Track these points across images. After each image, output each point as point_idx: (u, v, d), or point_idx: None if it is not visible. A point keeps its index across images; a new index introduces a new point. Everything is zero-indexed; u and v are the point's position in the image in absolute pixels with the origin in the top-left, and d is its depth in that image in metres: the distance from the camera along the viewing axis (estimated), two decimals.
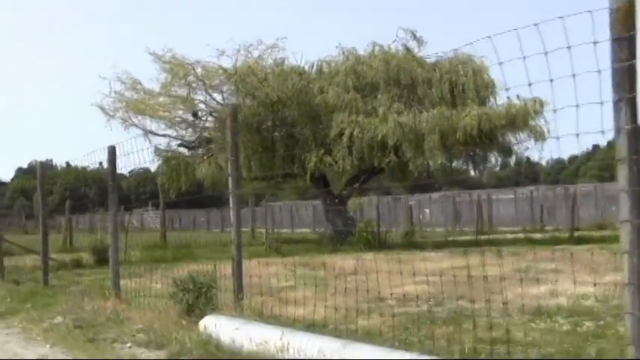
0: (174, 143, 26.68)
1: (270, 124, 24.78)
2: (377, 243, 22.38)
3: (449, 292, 9.26)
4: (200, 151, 26.49)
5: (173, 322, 8.85)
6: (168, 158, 26.76)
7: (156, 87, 25.95)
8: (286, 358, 6.46)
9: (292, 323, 8.24)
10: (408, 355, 5.57)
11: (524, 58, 4.80)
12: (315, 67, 26.07)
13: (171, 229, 33.67)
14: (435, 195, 33.68)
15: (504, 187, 47.80)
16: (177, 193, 27.08)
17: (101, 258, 19.94)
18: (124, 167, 12.91)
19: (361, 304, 9.14)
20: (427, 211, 32.79)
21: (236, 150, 9.36)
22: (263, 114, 24.24)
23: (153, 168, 28.82)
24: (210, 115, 25.68)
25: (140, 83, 25.81)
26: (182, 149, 27.02)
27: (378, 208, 25.65)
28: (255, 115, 24.11)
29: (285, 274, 14.44)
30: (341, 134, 23.62)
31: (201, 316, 8.55)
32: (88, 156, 14.79)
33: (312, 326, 8.15)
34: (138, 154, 12.95)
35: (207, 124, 26.00)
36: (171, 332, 8.37)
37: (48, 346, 8.86)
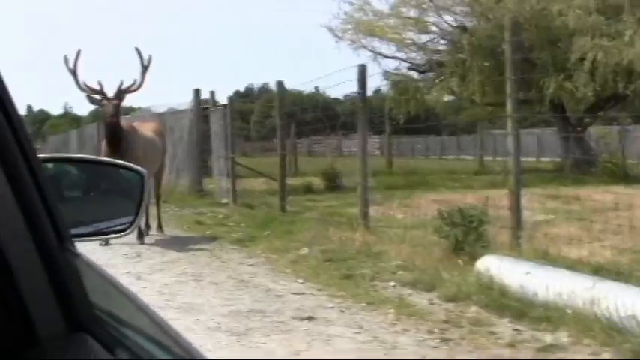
0: (403, 66, 25.45)
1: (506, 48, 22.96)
2: (622, 175, 20.42)
3: None
4: (431, 74, 25.15)
5: (437, 260, 7.76)
6: (397, 82, 25.57)
7: (385, 8, 24.82)
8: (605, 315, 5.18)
9: (581, 268, 6.89)
10: None
11: None
12: None
13: (389, 155, 32.55)
14: None
15: None
16: (406, 118, 26.01)
17: (332, 184, 19.30)
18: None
19: None
20: None
21: (512, 68, 8.05)
22: (498, 37, 22.51)
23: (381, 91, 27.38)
24: (443, 38, 24.27)
25: (369, 4, 24.75)
26: (412, 72, 25.77)
27: (622, 138, 23.50)
28: (490, 38, 22.42)
29: (536, 208, 13.06)
30: (582, 59, 21.62)
31: (470, 255, 7.41)
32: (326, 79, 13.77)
33: (606, 272, 6.76)
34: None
35: (439, 47, 24.57)
36: (440, 271, 7.25)
37: (300, 281, 8.05)
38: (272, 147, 33.14)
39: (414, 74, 26.02)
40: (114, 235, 2.26)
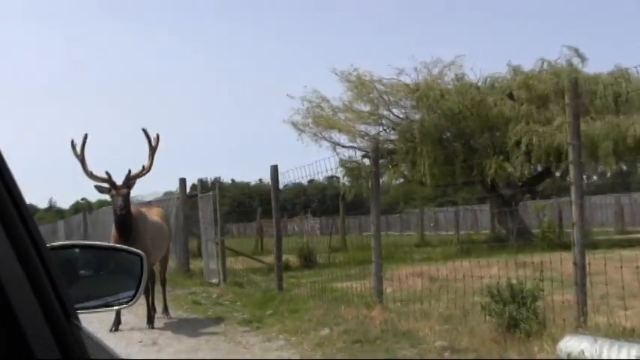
0: (358, 154, 24.41)
1: (450, 135, 22.24)
2: (559, 242, 19.48)
3: None
4: (383, 161, 24.13)
5: (490, 340, 6.36)
6: (350, 169, 24.45)
7: (339, 104, 24.06)
8: None
9: None
10: None
11: None
12: (487, 82, 23.37)
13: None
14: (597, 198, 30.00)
15: None
16: (355, 199, 24.98)
17: (307, 260, 18.01)
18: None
19: None
20: (599, 214, 29.23)
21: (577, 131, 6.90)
22: (444, 126, 21.79)
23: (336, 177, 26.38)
24: (393, 129, 23.42)
25: (328, 100, 23.86)
26: (365, 160, 24.68)
27: (559, 209, 22.68)
28: (437, 127, 21.67)
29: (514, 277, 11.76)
30: (518, 142, 20.95)
31: (526, 333, 6.06)
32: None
33: None
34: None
35: (390, 137, 23.66)
36: (503, 353, 5.87)
37: None
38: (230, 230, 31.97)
39: (367, 161, 24.90)
40: (118, 307, 2.76)
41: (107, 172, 9.23)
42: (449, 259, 16.62)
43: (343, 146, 24.06)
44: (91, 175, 9.20)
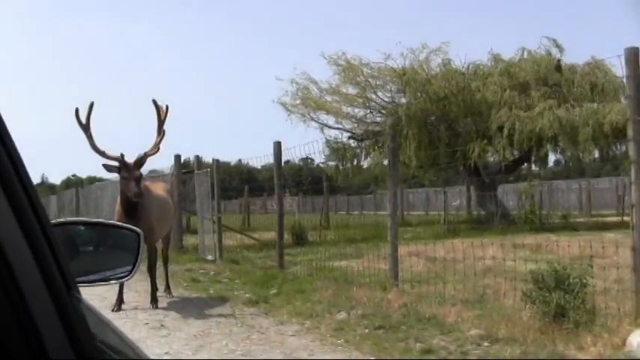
0: (345, 135, 23.32)
1: (435, 119, 21.22)
2: (540, 225, 18.68)
3: None
4: (367, 142, 23.08)
5: (535, 329, 5.35)
6: (336, 149, 23.36)
7: (327, 86, 22.94)
8: None
9: None
10: None
11: None
12: (469, 69, 22.35)
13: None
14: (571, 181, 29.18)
15: None
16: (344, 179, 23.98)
17: (299, 238, 17.02)
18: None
19: None
20: (573, 196, 28.39)
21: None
22: (430, 110, 20.79)
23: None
24: (379, 112, 22.40)
25: (317, 83, 22.71)
26: (351, 141, 23.59)
27: (540, 193, 21.82)
28: (423, 110, 20.67)
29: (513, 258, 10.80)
30: (500, 127, 20.00)
31: (575, 323, 5.07)
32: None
33: None
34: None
35: (376, 120, 22.60)
36: (553, 345, 4.86)
37: (372, 358, 5.49)
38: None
39: (353, 142, 23.79)
40: (117, 281, 2.68)
41: (122, 154, 8.02)
42: (438, 238, 15.71)
43: (331, 127, 22.98)
44: (101, 153, 8.00)
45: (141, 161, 8.02)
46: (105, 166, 8.01)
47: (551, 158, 24.03)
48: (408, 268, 9.62)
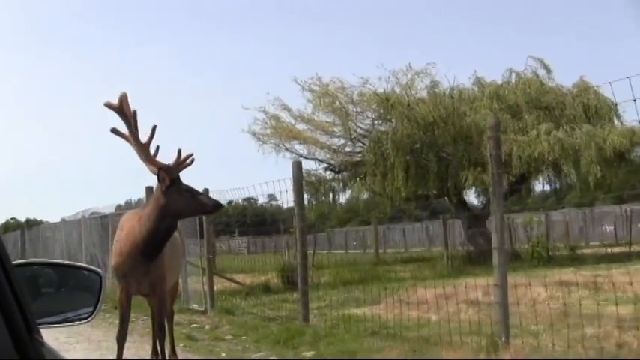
0: (321, 167, 21.40)
1: (421, 146, 19.46)
2: (547, 258, 17.06)
3: None
4: (345, 174, 21.21)
5: None
6: (311, 183, 21.31)
7: (303, 113, 21.12)
8: None
9: None
10: None
11: None
12: (454, 93, 20.81)
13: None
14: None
15: None
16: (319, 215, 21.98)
17: (289, 281, 14.80)
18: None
19: None
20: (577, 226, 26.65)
21: None
22: (417, 136, 19.12)
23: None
24: (359, 140, 20.59)
25: (290, 110, 20.89)
26: (328, 173, 21.61)
27: (547, 225, 20.16)
28: (410, 136, 18.99)
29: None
30: None
31: None
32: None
33: None
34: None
35: (356, 149, 20.81)
36: None
37: None
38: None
39: (329, 174, 21.83)
40: (78, 323, 2.26)
41: None
42: (445, 277, 13.83)
43: (306, 158, 20.97)
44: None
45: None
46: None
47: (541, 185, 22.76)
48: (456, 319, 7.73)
